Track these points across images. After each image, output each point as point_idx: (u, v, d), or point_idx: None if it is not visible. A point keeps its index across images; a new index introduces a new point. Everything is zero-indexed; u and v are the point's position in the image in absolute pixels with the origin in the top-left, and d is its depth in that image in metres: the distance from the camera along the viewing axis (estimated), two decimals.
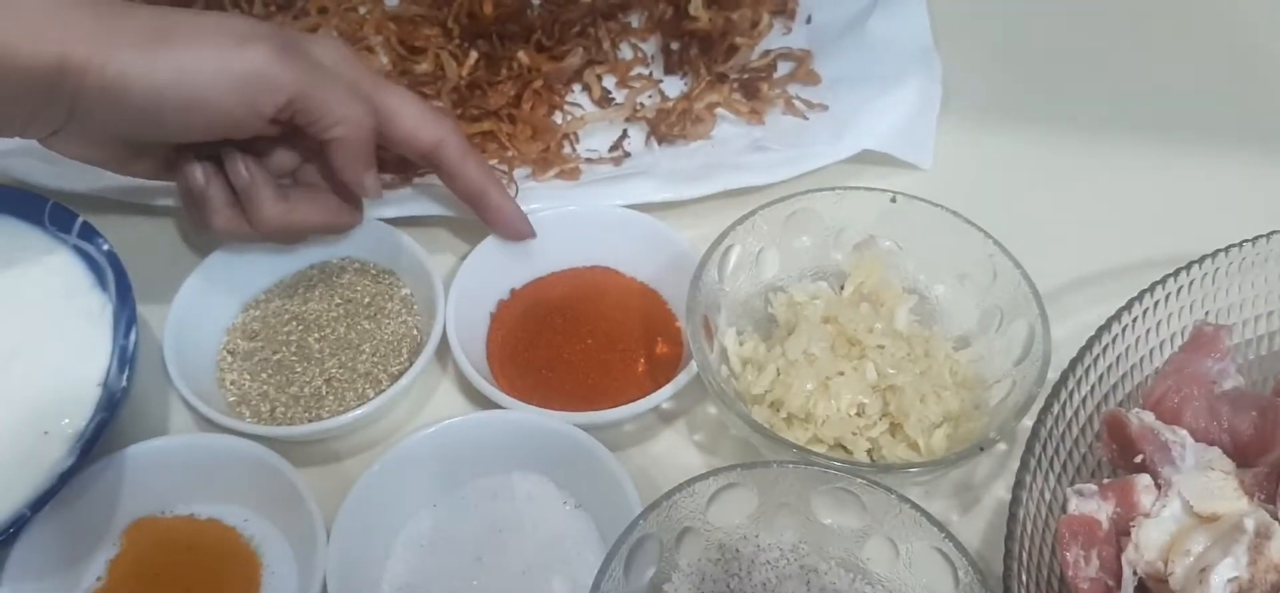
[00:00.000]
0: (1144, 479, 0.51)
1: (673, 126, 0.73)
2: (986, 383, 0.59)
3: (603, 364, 0.63)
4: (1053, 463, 0.52)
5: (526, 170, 0.71)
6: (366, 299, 0.64)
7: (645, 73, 0.78)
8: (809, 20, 0.82)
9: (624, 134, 0.74)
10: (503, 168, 0.70)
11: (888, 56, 0.76)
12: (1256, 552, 0.46)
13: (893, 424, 0.57)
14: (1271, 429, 0.51)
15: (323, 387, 0.60)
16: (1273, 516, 0.48)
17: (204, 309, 0.63)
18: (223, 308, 0.64)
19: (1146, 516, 0.50)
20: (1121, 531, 0.50)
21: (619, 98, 0.76)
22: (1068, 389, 0.53)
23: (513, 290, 0.66)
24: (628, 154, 0.73)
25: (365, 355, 0.62)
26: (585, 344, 0.63)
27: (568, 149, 0.73)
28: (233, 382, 0.61)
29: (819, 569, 0.52)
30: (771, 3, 0.81)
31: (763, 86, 0.75)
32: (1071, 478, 0.53)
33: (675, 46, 0.79)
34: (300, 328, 0.63)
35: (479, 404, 0.61)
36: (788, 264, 0.64)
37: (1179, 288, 0.57)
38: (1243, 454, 0.52)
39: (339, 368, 0.61)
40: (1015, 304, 0.59)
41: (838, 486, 0.51)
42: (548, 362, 0.63)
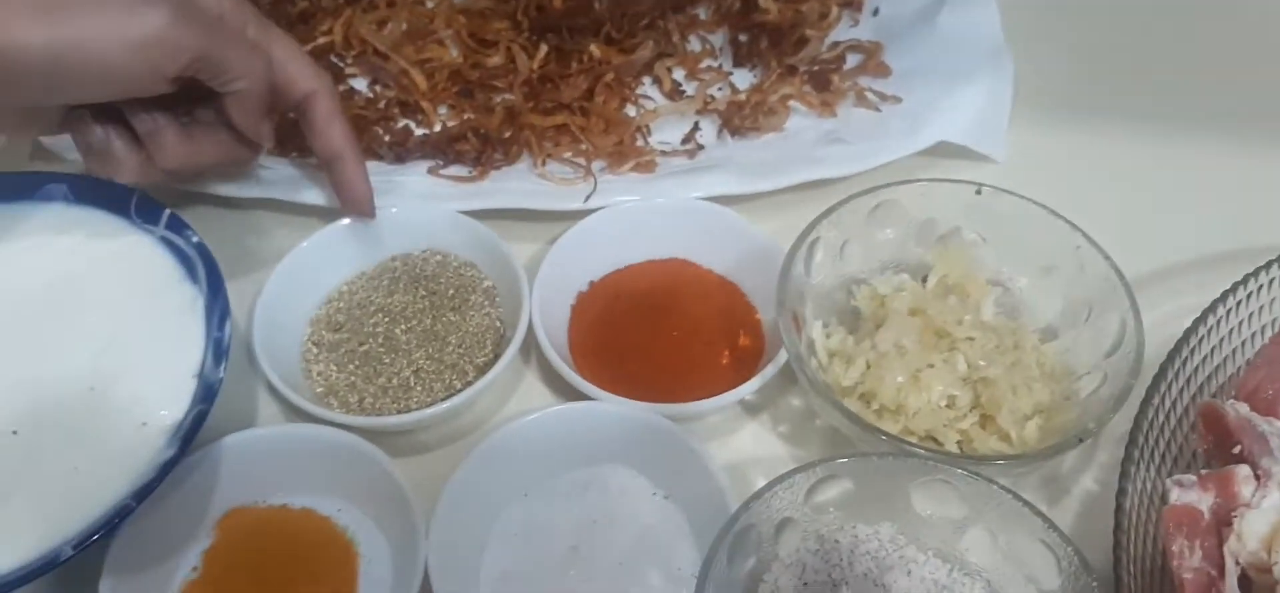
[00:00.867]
0: (1243, 470, 0.51)
1: (745, 119, 0.73)
2: (1075, 375, 0.59)
3: (687, 356, 0.63)
4: (1151, 456, 0.52)
5: (602, 164, 0.71)
6: (451, 291, 0.64)
7: (714, 65, 0.78)
8: (876, 12, 0.82)
9: (696, 126, 0.74)
10: (580, 162, 0.71)
11: (959, 51, 0.76)
12: None
13: (983, 416, 0.57)
14: None
15: (411, 378, 0.61)
16: None
17: (288, 302, 0.64)
18: (305, 300, 0.65)
19: (1247, 506, 0.50)
20: (1222, 521, 0.50)
21: (689, 90, 0.77)
22: (1167, 381, 0.53)
23: (591, 283, 0.67)
24: (701, 147, 0.73)
25: (451, 347, 0.62)
26: (670, 336, 0.64)
27: (640, 142, 0.73)
28: (320, 373, 0.61)
29: (918, 560, 0.52)
30: None
31: (833, 79, 0.76)
32: (1169, 469, 0.53)
33: (744, 39, 0.79)
34: (387, 320, 0.63)
35: (563, 396, 0.62)
36: (870, 257, 0.64)
37: (1270, 280, 0.57)
38: None
39: (426, 359, 0.61)
40: (1104, 296, 0.59)
41: (938, 478, 0.52)
42: (632, 353, 0.63)
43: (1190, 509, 0.50)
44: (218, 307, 0.58)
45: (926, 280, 0.63)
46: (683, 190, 0.69)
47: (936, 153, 0.73)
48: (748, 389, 0.59)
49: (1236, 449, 0.52)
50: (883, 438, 0.54)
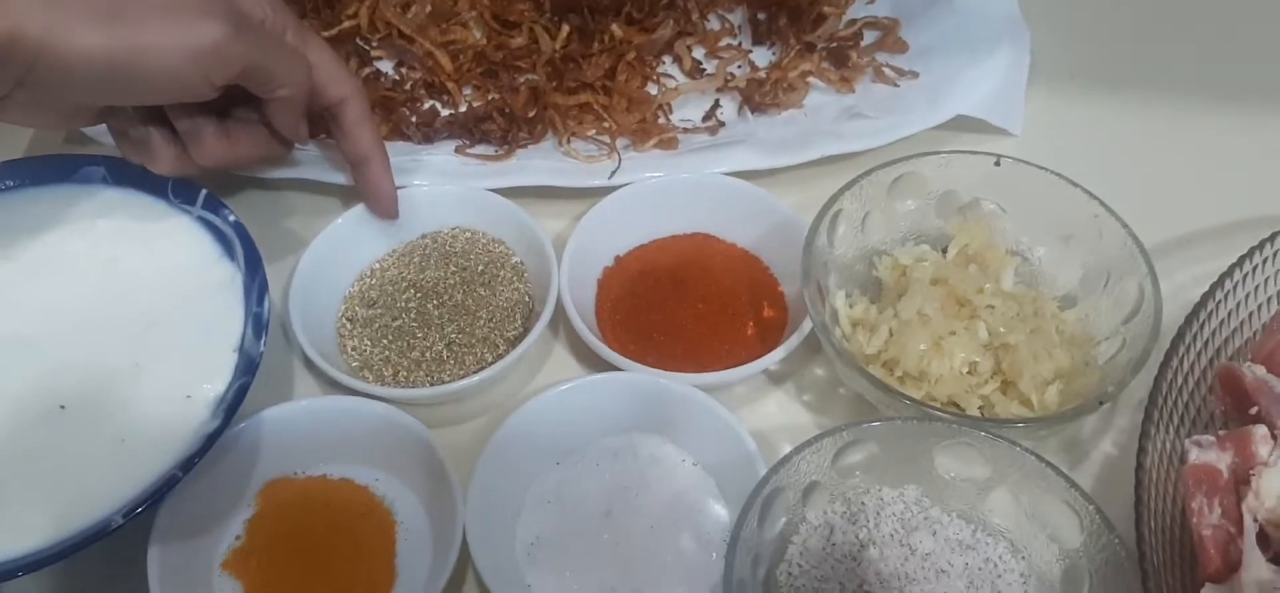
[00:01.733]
0: (1260, 430, 0.52)
1: (766, 96, 0.74)
2: (1094, 341, 0.60)
3: (712, 328, 0.64)
4: (1170, 418, 0.54)
5: (626, 141, 0.72)
6: (480, 267, 0.66)
7: (734, 43, 0.79)
8: None
9: (716, 104, 0.75)
10: (604, 140, 0.72)
11: (976, 26, 0.77)
12: None
13: (1004, 382, 0.58)
14: None
15: (443, 351, 0.62)
16: None
17: (321, 280, 0.65)
18: (339, 278, 0.66)
19: (1265, 465, 0.51)
20: (1240, 480, 0.51)
21: (710, 68, 0.78)
22: (1185, 344, 0.54)
23: (617, 257, 0.68)
24: (722, 124, 0.74)
25: (482, 321, 0.63)
26: (695, 308, 0.65)
27: (662, 120, 0.74)
28: (354, 348, 0.63)
29: (943, 521, 0.54)
30: None
31: (851, 55, 0.77)
32: (1188, 431, 0.54)
33: (762, 17, 0.80)
34: (418, 296, 0.65)
35: (591, 368, 0.63)
36: (891, 229, 0.65)
37: None
38: None
39: (458, 333, 0.63)
40: (1122, 263, 0.60)
41: (962, 440, 0.53)
42: (658, 326, 0.64)
43: (1209, 468, 0.51)
44: (256, 283, 0.60)
45: (947, 251, 0.64)
46: (705, 166, 0.70)
47: (955, 126, 0.74)
48: (773, 359, 0.60)
49: (1254, 410, 0.53)
50: (907, 403, 0.55)
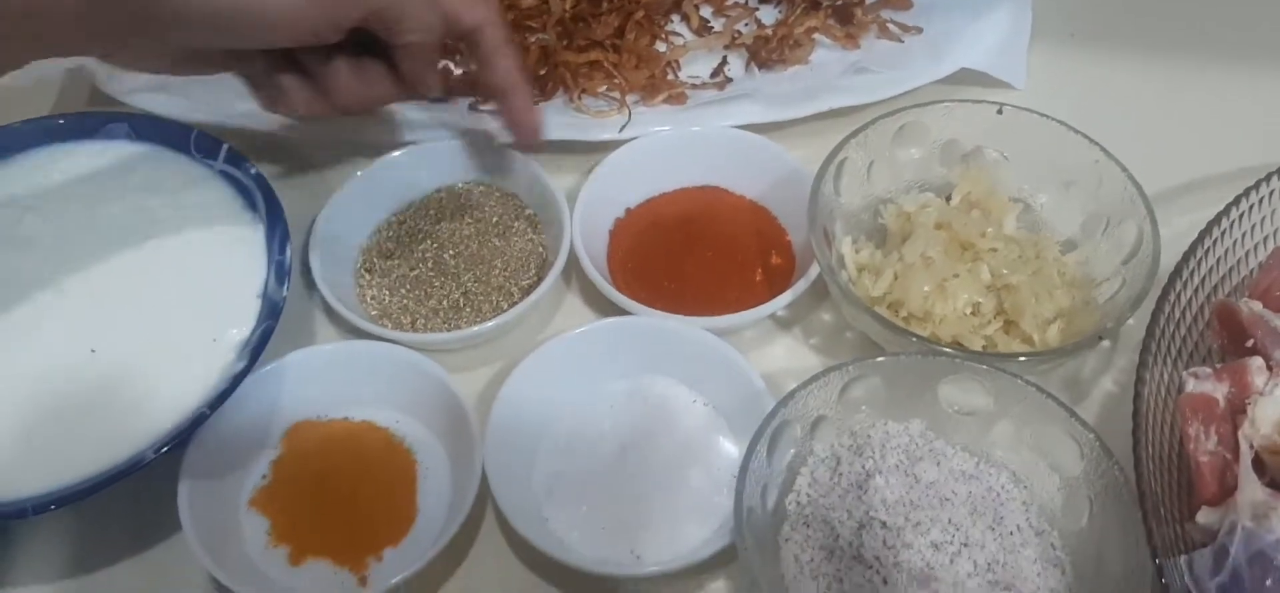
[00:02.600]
0: (1256, 362, 0.53)
1: (772, 52, 0.76)
2: (1094, 282, 0.61)
3: (721, 275, 0.66)
4: (1168, 350, 0.55)
5: (635, 97, 0.74)
6: (495, 218, 0.68)
7: (741, 2, 0.81)
8: None
9: (724, 61, 0.77)
10: (614, 95, 0.73)
11: None
12: None
13: (1007, 322, 0.60)
14: None
15: (460, 299, 0.64)
16: None
17: (341, 231, 0.67)
18: (357, 231, 0.68)
19: (1260, 394, 0.53)
20: (1237, 409, 0.53)
21: (717, 26, 0.79)
22: (1182, 279, 0.56)
23: (628, 209, 0.69)
24: (729, 79, 0.76)
25: (497, 271, 0.65)
26: (705, 256, 0.66)
27: (671, 77, 0.76)
28: (373, 297, 0.65)
29: (946, 453, 0.55)
30: None
31: (856, 12, 0.78)
32: (1185, 364, 0.56)
33: None
34: (435, 246, 0.66)
35: (604, 315, 0.64)
36: (896, 177, 0.66)
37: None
38: None
39: (474, 282, 0.65)
40: (1122, 207, 0.61)
41: (965, 374, 0.55)
42: (668, 273, 0.66)
43: (1206, 397, 0.53)
44: (278, 232, 0.61)
45: (950, 199, 0.65)
46: (714, 120, 0.72)
47: (958, 80, 0.75)
48: (781, 302, 0.62)
49: (1250, 344, 0.54)
50: (912, 341, 0.57)
